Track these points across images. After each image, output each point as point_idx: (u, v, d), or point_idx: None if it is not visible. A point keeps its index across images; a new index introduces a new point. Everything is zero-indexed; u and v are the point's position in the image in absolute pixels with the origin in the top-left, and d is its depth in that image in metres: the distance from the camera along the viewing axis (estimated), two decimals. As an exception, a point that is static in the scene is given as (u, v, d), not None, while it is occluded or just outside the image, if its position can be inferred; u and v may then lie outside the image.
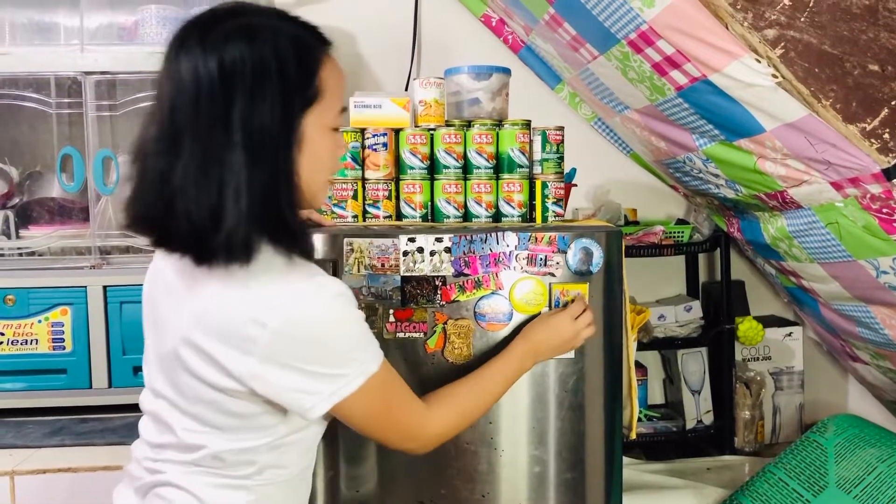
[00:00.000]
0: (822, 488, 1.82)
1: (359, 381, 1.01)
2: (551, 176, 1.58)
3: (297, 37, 1.00)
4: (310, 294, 0.98)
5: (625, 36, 1.59)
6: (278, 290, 0.97)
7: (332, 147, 1.05)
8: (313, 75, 1.00)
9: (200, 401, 1.02)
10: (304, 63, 0.99)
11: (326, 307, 0.99)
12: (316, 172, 1.03)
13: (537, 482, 1.49)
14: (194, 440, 1.03)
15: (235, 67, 0.93)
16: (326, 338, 0.99)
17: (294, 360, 0.97)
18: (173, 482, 1.05)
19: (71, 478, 1.54)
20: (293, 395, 0.99)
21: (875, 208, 1.47)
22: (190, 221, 0.93)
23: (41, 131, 1.92)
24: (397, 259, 1.44)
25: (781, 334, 2.51)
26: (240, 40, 0.94)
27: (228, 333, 0.97)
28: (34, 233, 1.90)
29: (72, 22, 1.85)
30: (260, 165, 0.94)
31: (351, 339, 1.02)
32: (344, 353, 1.01)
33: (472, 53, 2.34)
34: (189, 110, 0.94)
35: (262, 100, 0.94)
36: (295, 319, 0.96)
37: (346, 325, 1.02)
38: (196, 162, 0.93)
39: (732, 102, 1.49)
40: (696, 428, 2.39)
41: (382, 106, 1.60)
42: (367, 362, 1.03)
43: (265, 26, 0.98)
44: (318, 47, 1.02)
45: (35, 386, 1.82)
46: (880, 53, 1.28)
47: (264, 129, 0.94)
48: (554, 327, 1.37)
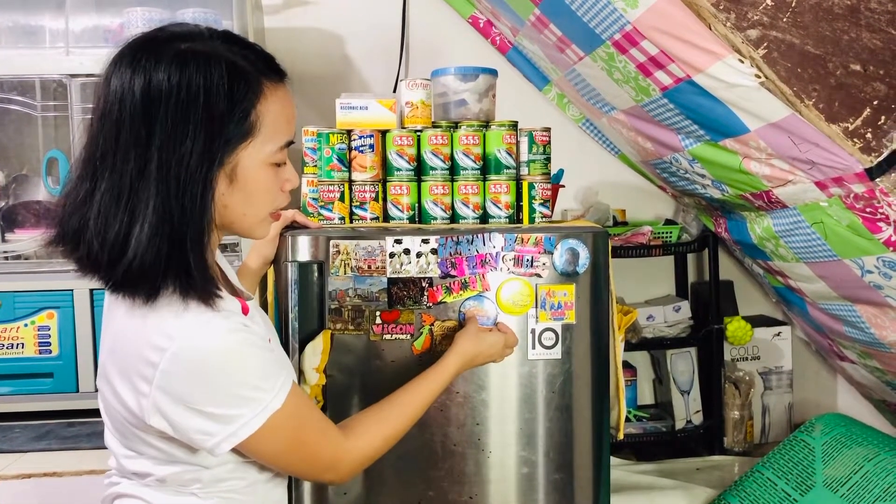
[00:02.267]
0: (810, 487, 1.83)
1: (258, 421, 0.94)
2: (538, 177, 1.58)
3: (234, 66, 0.92)
4: (202, 331, 0.92)
5: (609, 37, 1.59)
6: (173, 325, 0.91)
7: (269, 183, 0.99)
8: (248, 108, 0.93)
9: (127, 434, 0.99)
10: (237, 94, 0.92)
11: (218, 344, 0.92)
12: (250, 207, 0.98)
13: (525, 483, 1.49)
14: (136, 468, 1.01)
15: (161, 93, 0.88)
16: (218, 376, 0.92)
17: (188, 399, 0.91)
18: (128, 493, 1.04)
19: (57, 482, 1.52)
20: (192, 436, 0.93)
21: (859, 207, 1.47)
22: (91, 248, 0.90)
23: (27, 134, 1.91)
24: (384, 261, 1.43)
25: (770, 334, 2.52)
26: (170, 64, 0.89)
27: (126, 369, 0.94)
28: (20, 236, 1.89)
29: (57, 25, 1.85)
30: (171, 200, 0.89)
31: (247, 377, 0.94)
32: (237, 393, 0.93)
33: (460, 55, 2.35)
34: (111, 133, 0.90)
35: (183, 131, 0.88)
36: (186, 357, 0.90)
37: (239, 363, 0.94)
38: (112, 187, 0.89)
39: (717, 103, 1.50)
40: (685, 428, 2.40)
41: (369, 107, 1.60)
42: (266, 401, 0.95)
43: (201, 52, 0.91)
44: (257, 77, 0.95)
45: (21, 390, 1.80)
46: (862, 53, 1.28)
47: (181, 161, 0.89)
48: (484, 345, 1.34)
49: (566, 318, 1.47)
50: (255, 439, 0.95)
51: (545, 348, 1.47)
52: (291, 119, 1.01)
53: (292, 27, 2.31)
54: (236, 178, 0.95)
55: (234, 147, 0.93)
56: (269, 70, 0.98)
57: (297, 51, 2.31)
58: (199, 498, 1.01)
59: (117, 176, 0.89)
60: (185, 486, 1.01)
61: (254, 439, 0.95)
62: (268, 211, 1.02)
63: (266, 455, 1.00)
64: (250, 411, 0.94)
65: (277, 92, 0.98)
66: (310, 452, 1.02)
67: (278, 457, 1.01)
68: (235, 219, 0.99)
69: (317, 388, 1.39)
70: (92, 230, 0.89)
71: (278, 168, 1.00)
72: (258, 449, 0.98)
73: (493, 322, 1.45)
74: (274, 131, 0.97)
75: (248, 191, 0.97)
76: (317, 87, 2.30)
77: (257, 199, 0.99)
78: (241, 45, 0.97)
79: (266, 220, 1.03)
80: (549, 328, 1.47)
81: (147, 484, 1.02)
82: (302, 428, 1.00)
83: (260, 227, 1.03)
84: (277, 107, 0.97)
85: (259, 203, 0.99)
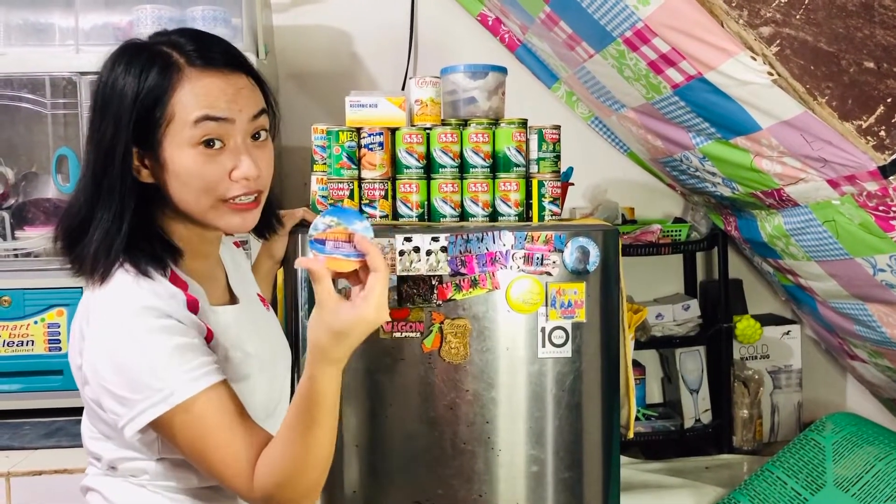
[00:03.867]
0: (820, 486, 1.82)
1: (155, 411, 0.90)
2: (548, 175, 1.57)
3: (156, 55, 0.97)
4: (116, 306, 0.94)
5: (620, 34, 1.59)
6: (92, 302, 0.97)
7: (197, 167, 0.97)
8: (163, 95, 0.95)
9: (88, 411, 1.04)
10: (155, 83, 0.95)
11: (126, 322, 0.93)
12: (187, 193, 0.98)
13: (535, 482, 1.48)
14: (95, 449, 1.05)
15: (97, 88, 0.98)
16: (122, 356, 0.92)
17: (100, 375, 0.93)
18: (91, 485, 1.07)
19: (67, 479, 1.53)
20: (109, 415, 0.95)
21: (871, 206, 1.46)
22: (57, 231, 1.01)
23: (36, 132, 1.91)
24: (394, 259, 1.43)
25: (779, 333, 2.51)
26: (109, 61, 0.99)
27: (74, 342, 1.02)
28: (30, 234, 1.89)
29: (67, 22, 1.85)
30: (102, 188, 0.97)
31: (149, 363, 0.91)
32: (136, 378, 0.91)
33: (469, 52, 2.34)
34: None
35: (105, 122, 0.96)
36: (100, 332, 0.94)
37: (142, 347, 0.92)
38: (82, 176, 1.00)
39: (728, 100, 1.49)
40: (694, 427, 2.39)
41: (378, 105, 1.59)
42: (163, 393, 0.90)
43: (134, 46, 0.99)
44: (178, 64, 0.96)
45: (31, 387, 1.81)
46: (876, 51, 1.27)
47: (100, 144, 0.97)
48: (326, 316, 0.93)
49: (576, 317, 1.46)
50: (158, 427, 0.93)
51: (555, 346, 1.46)
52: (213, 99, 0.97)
53: (301, 25, 2.31)
54: (165, 164, 0.97)
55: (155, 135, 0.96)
56: (197, 57, 0.98)
57: (305, 48, 2.30)
58: (149, 491, 1.02)
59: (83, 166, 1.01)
60: (135, 475, 1.02)
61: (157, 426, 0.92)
62: (210, 198, 0.99)
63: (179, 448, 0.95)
64: (147, 399, 0.91)
65: (201, 78, 0.97)
66: (212, 466, 0.93)
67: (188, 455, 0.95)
68: (184, 206, 1.00)
69: (326, 386, 1.39)
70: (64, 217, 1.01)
71: (210, 152, 0.97)
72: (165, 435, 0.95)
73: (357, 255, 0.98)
74: (188, 111, 0.96)
75: (178, 175, 0.98)
76: (325, 85, 2.30)
77: (191, 183, 0.97)
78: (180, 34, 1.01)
79: (215, 207, 0.99)
80: (560, 326, 1.46)
81: (106, 473, 1.05)
82: (203, 438, 0.92)
83: (210, 214, 1.00)
84: (194, 90, 0.96)
85: (194, 188, 0.98)
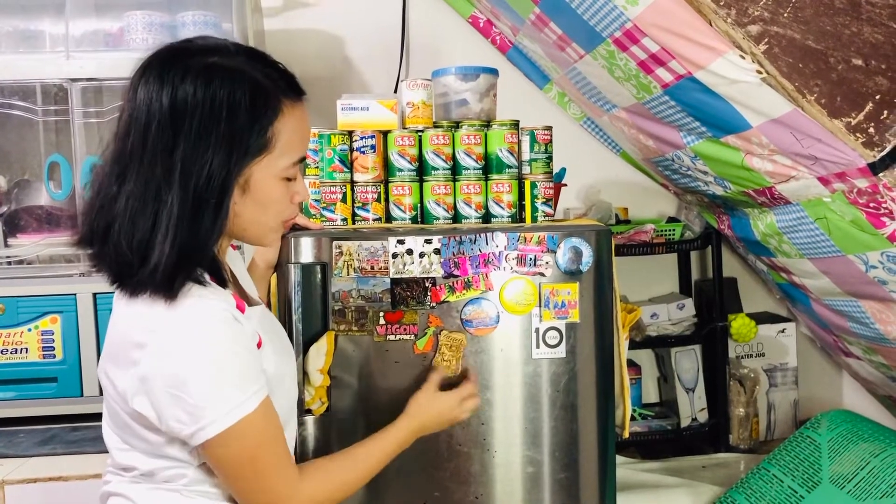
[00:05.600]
0: (816, 484, 1.82)
1: (229, 419, 0.94)
2: (540, 176, 1.58)
3: (256, 83, 0.98)
4: (189, 319, 0.95)
5: (610, 34, 1.59)
6: (161, 311, 0.95)
7: (280, 196, 1.04)
8: (267, 125, 0.98)
9: (120, 424, 1.02)
10: (258, 111, 0.97)
11: (205, 330, 0.95)
12: (260, 216, 1.04)
13: (531, 483, 1.48)
14: (126, 460, 1.04)
15: (186, 106, 0.94)
16: (200, 364, 0.94)
17: (168, 383, 0.93)
18: (116, 491, 1.06)
19: (62, 486, 1.53)
20: (171, 424, 0.95)
21: (862, 203, 1.47)
22: (119, 250, 0.95)
23: (28, 139, 1.91)
24: (387, 261, 1.43)
25: (775, 331, 2.51)
26: (196, 79, 0.95)
27: (118, 353, 0.98)
28: (23, 241, 1.89)
29: (57, 29, 1.85)
30: (193, 208, 0.94)
31: (226, 373, 0.96)
32: (215, 386, 0.94)
33: (461, 54, 2.35)
34: (138, 141, 0.95)
35: (206, 143, 0.94)
36: (172, 340, 0.94)
37: (223, 356, 0.96)
38: (137, 193, 0.94)
39: (718, 99, 1.50)
40: (690, 426, 2.39)
41: (370, 108, 1.59)
42: (240, 401, 0.96)
43: (226, 68, 0.97)
44: (277, 96, 1.00)
45: (26, 395, 1.81)
46: (864, 48, 1.28)
47: (203, 171, 0.94)
48: (441, 406, 1.33)
49: (570, 317, 1.47)
50: (220, 439, 0.95)
51: (549, 347, 1.46)
52: (306, 137, 1.07)
53: (292, 29, 2.31)
54: (249, 189, 1.00)
55: (250, 160, 0.98)
56: (289, 89, 1.03)
57: (297, 52, 2.31)
58: (184, 496, 1.03)
59: (142, 181, 0.94)
60: (170, 481, 1.02)
61: (220, 439, 0.95)
62: (278, 221, 1.08)
63: (223, 463, 0.99)
64: (223, 408, 0.94)
65: (295, 110, 1.03)
66: (263, 477, 1.00)
67: (234, 470, 0.99)
68: (247, 226, 1.04)
69: (321, 390, 1.39)
70: (118, 231, 0.94)
71: (289, 182, 1.05)
72: (219, 453, 0.97)
73: (495, 322, 1.44)
74: (289, 147, 1.02)
75: (259, 201, 1.02)
76: (317, 89, 2.27)
77: (268, 209, 1.04)
78: (265, 63, 1.02)
79: (276, 229, 1.09)
80: (553, 327, 1.46)
81: (135, 480, 1.04)
82: (263, 447, 1.00)
83: (269, 235, 1.09)
84: (294, 124, 1.02)
85: (270, 213, 1.05)
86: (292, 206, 1.09)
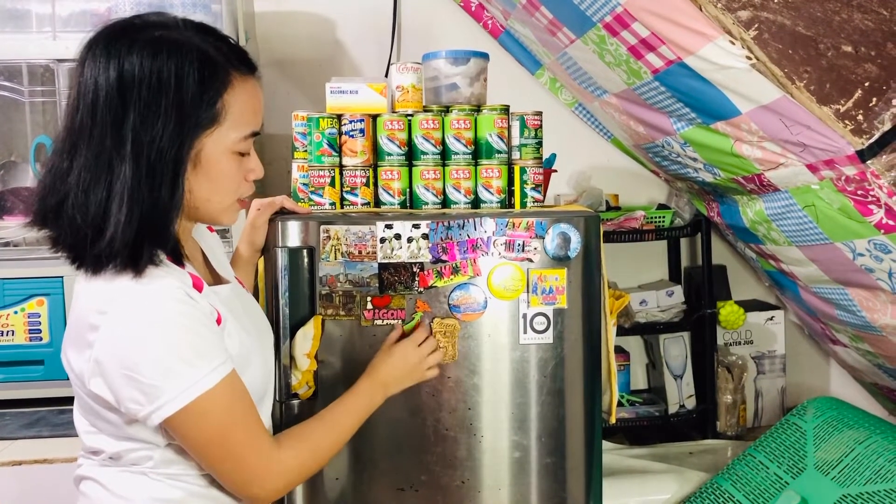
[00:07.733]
0: (801, 470, 1.83)
1: (185, 397, 0.93)
2: (530, 161, 1.57)
3: (205, 55, 0.98)
4: (139, 298, 0.94)
5: (600, 19, 1.58)
6: (116, 289, 0.94)
7: (232, 172, 1.04)
8: (216, 96, 0.98)
9: (85, 406, 1.02)
10: (206, 83, 0.97)
11: (155, 311, 0.94)
12: (214, 194, 1.03)
13: (517, 467, 1.49)
14: (93, 443, 1.04)
15: (133, 79, 0.94)
16: (151, 343, 0.93)
17: (122, 364, 0.93)
18: (86, 475, 1.07)
19: (47, 469, 1.52)
20: (128, 405, 0.94)
21: (850, 190, 1.47)
22: (73, 225, 0.94)
23: (14, 120, 1.89)
24: (374, 246, 1.43)
25: (763, 318, 2.52)
26: (143, 52, 0.94)
27: (76, 336, 0.98)
28: (9, 223, 1.87)
29: (43, 9, 1.82)
30: (147, 179, 0.94)
31: (179, 349, 0.94)
32: (167, 365, 0.93)
33: (453, 38, 2.33)
34: (87, 115, 0.95)
35: (155, 115, 0.94)
36: (123, 321, 0.93)
37: (174, 333, 0.94)
38: (88, 167, 0.94)
39: (708, 85, 1.49)
40: (678, 412, 2.41)
41: (359, 91, 1.58)
42: (195, 378, 0.94)
43: (173, 41, 0.96)
44: (226, 68, 1.00)
45: (12, 377, 1.80)
46: (854, 34, 1.28)
47: (154, 144, 0.94)
48: (399, 357, 1.33)
49: (558, 303, 1.47)
50: (181, 418, 0.94)
51: (537, 333, 1.47)
52: (258, 111, 1.06)
53: (283, 11, 2.29)
54: (200, 163, 1.00)
55: (200, 132, 0.98)
56: (239, 62, 1.03)
57: (287, 34, 2.29)
58: (151, 478, 1.03)
59: (93, 153, 0.94)
60: (137, 463, 1.02)
61: (180, 418, 0.94)
62: (232, 198, 1.07)
63: (191, 441, 0.98)
64: (178, 385, 0.94)
65: (246, 84, 1.03)
66: (236, 453, 1.00)
67: (203, 448, 0.99)
68: (200, 204, 1.03)
69: (308, 374, 1.39)
70: (72, 206, 0.94)
71: (242, 157, 1.05)
72: (184, 432, 0.97)
73: (483, 307, 1.44)
74: (240, 120, 1.02)
75: (211, 176, 1.01)
76: (307, 72, 2.28)
77: (221, 185, 1.03)
78: (215, 37, 1.02)
79: (231, 207, 1.08)
80: (541, 313, 1.46)
81: (104, 463, 1.04)
82: (230, 423, 0.99)
83: (225, 213, 1.07)
84: (244, 97, 1.02)
85: (223, 189, 1.04)
86: (247, 184, 1.08)
